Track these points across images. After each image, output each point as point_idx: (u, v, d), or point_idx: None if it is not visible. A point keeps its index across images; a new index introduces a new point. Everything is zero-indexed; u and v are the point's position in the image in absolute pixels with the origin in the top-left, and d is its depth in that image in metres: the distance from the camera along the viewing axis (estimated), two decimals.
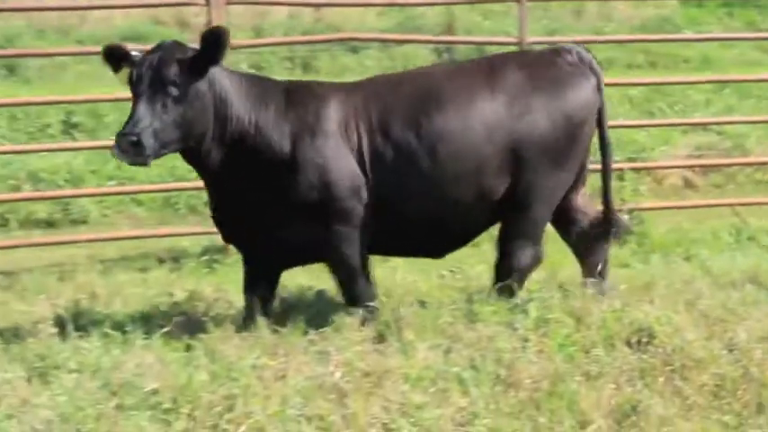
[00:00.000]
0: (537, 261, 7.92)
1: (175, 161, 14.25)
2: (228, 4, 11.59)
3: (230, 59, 11.37)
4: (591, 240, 8.19)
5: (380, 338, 7.20)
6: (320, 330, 7.22)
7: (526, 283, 7.94)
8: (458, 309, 7.48)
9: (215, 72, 7.42)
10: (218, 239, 10.36)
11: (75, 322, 7.67)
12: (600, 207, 8.22)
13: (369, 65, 20.60)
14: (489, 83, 7.65)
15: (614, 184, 12.91)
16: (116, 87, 8.16)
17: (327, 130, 7.48)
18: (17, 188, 13.44)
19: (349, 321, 7.30)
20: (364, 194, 7.49)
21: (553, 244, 10.42)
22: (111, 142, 7.21)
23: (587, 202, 8.24)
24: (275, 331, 7.12)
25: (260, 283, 7.83)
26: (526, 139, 7.58)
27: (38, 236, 12.32)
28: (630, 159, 14.45)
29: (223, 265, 10.72)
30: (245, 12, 22.00)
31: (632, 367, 6.80)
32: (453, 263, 9.79)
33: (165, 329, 7.47)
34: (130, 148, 7.08)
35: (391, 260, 10.29)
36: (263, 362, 6.69)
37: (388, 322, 7.31)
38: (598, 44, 21.28)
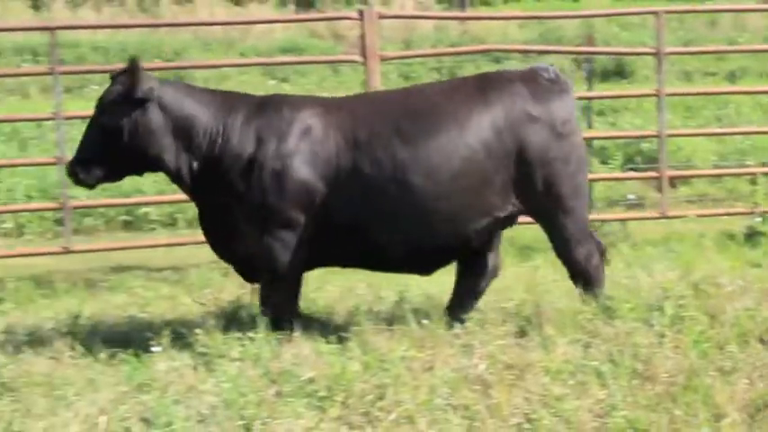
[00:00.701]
0: (600, 255, 7.62)
1: None
2: (381, 18, 11.63)
3: (382, 70, 11.43)
4: None
5: (522, 333, 7.16)
6: (464, 325, 7.21)
7: (661, 281, 7.84)
8: (596, 305, 7.41)
9: (169, 94, 7.30)
10: None
11: (238, 315, 7.78)
12: None
13: None
14: (482, 100, 7.32)
15: (747, 187, 12.83)
16: None
17: (292, 139, 7.19)
18: None
19: (492, 317, 7.29)
20: (314, 208, 7.16)
21: (684, 243, 10.27)
22: None
23: None
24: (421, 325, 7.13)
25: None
26: (525, 154, 7.27)
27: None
28: (764, 164, 14.17)
29: None
30: (396, 25, 22.14)
31: (765, 363, 6.66)
32: None
33: (319, 322, 7.56)
34: (71, 175, 7.34)
35: (532, 258, 10.29)
36: (411, 354, 6.69)
37: (530, 318, 7.29)
38: (732, 54, 21.08)
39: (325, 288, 8.60)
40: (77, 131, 15.42)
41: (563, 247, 7.56)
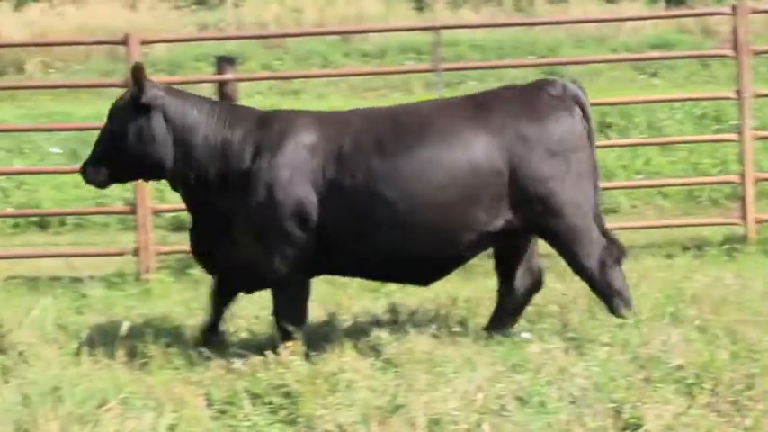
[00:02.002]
0: (614, 259, 7.24)
1: (699, 157, 14.16)
2: (754, 12, 11.24)
3: (752, 64, 11.04)
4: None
5: None
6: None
7: None
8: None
9: (174, 104, 7.26)
10: (737, 230, 10.14)
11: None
12: None
13: None
14: (473, 119, 7.11)
15: None
16: (646, 91, 8.11)
17: (285, 154, 7.08)
18: None
19: None
20: (311, 221, 7.04)
21: None
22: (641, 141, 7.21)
23: None
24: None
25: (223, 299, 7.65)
26: (517, 172, 7.03)
27: None
28: None
29: (744, 254, 10.41)
30: (766, 19, 21.34)
31: None
32: None
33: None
34: (82, 174, 7.42)
35: None
36: None
37: None
38: None
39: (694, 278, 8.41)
40: None
41: (574, 264, 7.27)
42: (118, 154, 7.29)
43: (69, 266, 10.39)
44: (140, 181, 8.64)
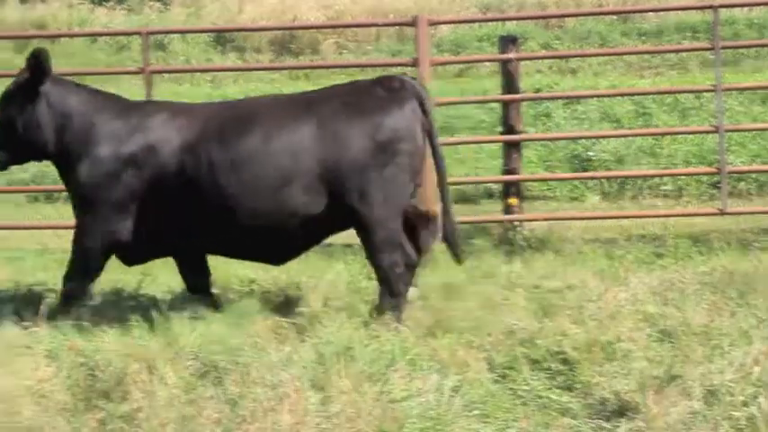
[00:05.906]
0: (406, 266, 7.30)
1: None
2: None
3: None
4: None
5: None
6: None
7: None
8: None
9: (56, 91, 7.44)
10: None
11: None
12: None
13: None
14: (302, 112, 7.30)
15: None
16: None
17: (131, 141, 7.31)
18: None
19: None
20: (130, 208, 7.29)
21: None
22: None
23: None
24: None
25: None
26: (335, 161, 7.15)
27: None
28: None
29: None
30: None
31: None
32: None
33: None
34: None
35: None
36: None
37: None
38: None
39: None
40: (734, 101, 15.38)
41: (370, 254, 7.30)
42: (11, 138, 7.47)
43: None
44: None
